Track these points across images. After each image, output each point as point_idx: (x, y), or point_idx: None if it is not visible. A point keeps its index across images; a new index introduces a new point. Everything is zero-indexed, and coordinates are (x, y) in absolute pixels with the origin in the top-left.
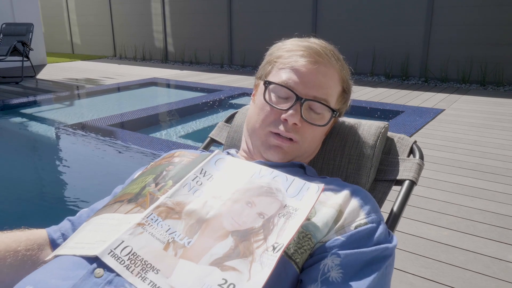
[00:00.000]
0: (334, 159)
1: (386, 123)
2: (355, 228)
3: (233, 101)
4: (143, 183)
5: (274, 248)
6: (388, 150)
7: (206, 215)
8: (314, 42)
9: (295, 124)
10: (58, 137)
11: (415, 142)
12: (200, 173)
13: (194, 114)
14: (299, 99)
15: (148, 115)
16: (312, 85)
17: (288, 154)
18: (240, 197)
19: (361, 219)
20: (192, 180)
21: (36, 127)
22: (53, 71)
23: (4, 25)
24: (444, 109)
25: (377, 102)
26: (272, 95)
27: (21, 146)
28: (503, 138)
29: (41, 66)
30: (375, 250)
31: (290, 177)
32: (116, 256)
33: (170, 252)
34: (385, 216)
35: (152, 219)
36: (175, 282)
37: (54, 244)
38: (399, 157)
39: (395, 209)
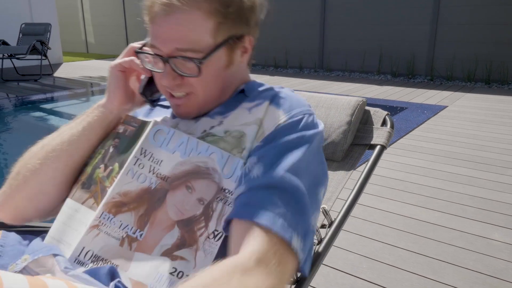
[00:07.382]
0: None
1: (364, 98)
2: (275, 129)
3: None
4: (95, 159)
5: (215, 236)
6: (365, 121)
7: (153, 204)
8: None
9: (176, 84)
10: None
11: (387, 114)
12: (141, 154)
13: None
14: (164, 60)
15: None
16: (171, 39)
17: (190, 107)
18: (180, 182)
19: (281, 118)
20: (134, 164)
21: (53, 121)
22: (69, 70)
23: (23, 25)
24: (447, 106)
25: (382, 99)
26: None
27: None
28: (501, 133)
29: (57, 65)
30: (290, 141)
31: (225, 154)
32: (81, 262)
33: (126, 247)
34: (359, 174)
35: (104, 218)
36: (133, 274)
37: None
38: (373, 126)
39: (367, 167)
